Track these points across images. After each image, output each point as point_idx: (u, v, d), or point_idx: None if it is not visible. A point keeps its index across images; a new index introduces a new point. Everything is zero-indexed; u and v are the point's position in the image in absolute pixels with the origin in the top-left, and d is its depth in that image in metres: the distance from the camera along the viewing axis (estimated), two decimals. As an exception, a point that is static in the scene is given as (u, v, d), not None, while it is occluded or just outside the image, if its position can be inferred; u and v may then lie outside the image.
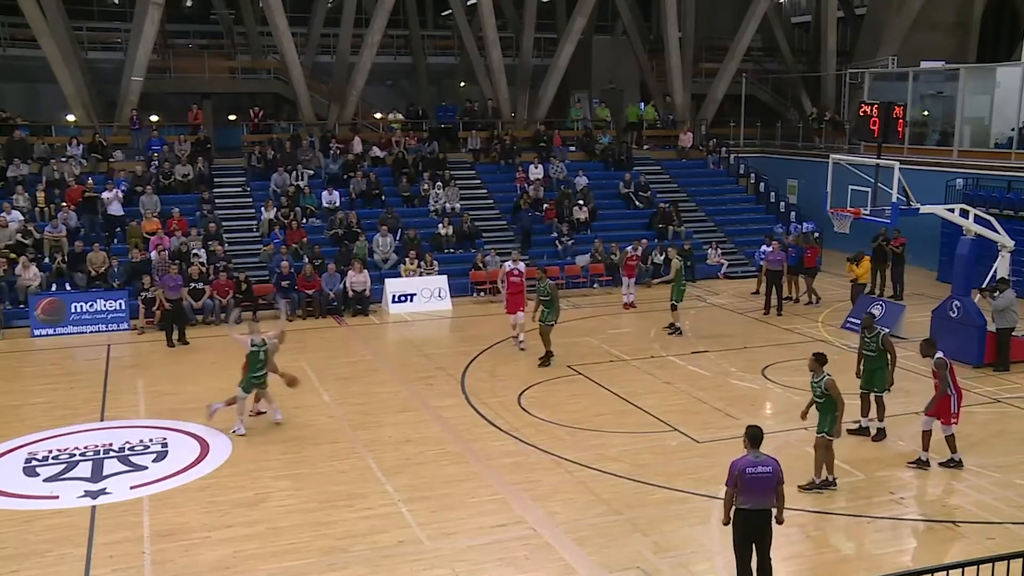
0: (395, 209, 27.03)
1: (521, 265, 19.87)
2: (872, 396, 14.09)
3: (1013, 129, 27.58)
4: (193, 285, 21.75)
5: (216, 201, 26.69)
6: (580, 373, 17.54)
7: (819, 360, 12.04)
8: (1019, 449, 13.73)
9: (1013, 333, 17.78)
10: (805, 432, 14.12)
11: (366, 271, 23.28)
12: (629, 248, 24.73)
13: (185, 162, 27.58)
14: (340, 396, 16.34)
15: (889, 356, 13.92)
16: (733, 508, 9.12)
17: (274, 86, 37.05)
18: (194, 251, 23.21)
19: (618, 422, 14.86)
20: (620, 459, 13.20)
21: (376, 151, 30.06)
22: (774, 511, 9.15)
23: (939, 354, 12.76)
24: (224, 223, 25.74)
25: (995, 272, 18.49)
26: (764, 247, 24.82)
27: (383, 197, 27.81)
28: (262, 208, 26.11)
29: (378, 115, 36.20)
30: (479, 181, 30.35)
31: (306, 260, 23.29)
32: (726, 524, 9.26)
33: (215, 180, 27.96)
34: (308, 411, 15.42)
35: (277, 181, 27.37)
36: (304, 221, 26.06)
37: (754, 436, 9.21)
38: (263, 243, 25.07)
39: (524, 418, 15.09)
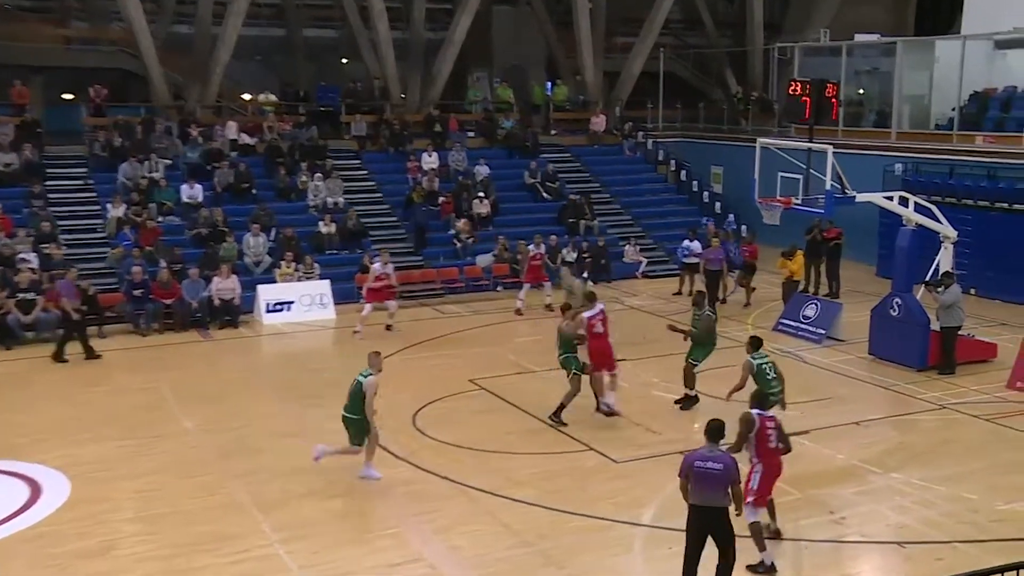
0: (268, 205, 26.66)
1: (390, 268, 21.97)
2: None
3: (954, 109, 28.60)
4: (22, 296, 20.98)
5: (50, 196, 25.86)
6: (483, 388, 17.51)
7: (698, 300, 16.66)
8: (967, 459, 14.22)
9: (959, 332, 18.37)
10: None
11: (235, 276, 22.88)
12: (531, 246, 24.41)
13: (8, 149, 26.68)
14: (206, 422, 15.98)
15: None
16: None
17: (120, 60, 36.03)
18: (22, 255, 22.43)
19: (527, 442, 14.88)
20: (530, 484, 13.21)
21: (245, 137, 29.58)
22: (730, 508, 9.57)
23: (753, 411, 10.98)
24: (61, 222, 24.96)
25: (938, 265, 19.09)
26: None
27: (254, 191, 27.41)
28: (108, 204, 25.42)
29: (247, 96, 35.65)
30: (365, 172, 30.16)
31: (163, 264, 22.80)
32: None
33: (47, 171, 27.04)
34: (167, 440, 15.03)
35: (126, 172, 26.69)
36: (160, 219, 25.51)
37: (713, 429, 9.72)
38: (110, 245, 24.43)
39: (420, 440, 15.00)
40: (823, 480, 13.37)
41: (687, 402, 16.38)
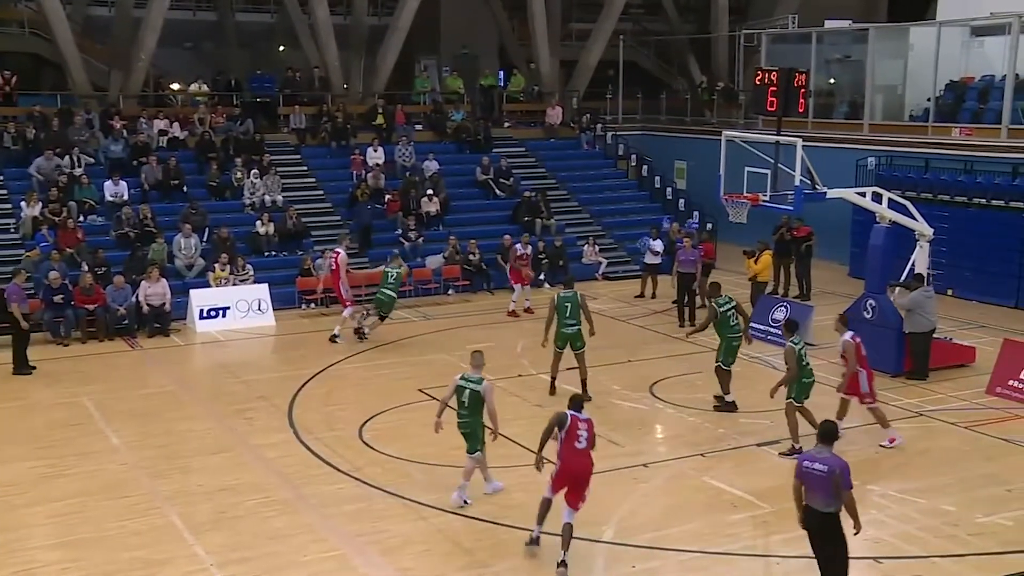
0: (200, 203, 26.47)
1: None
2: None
3: (929, 99, 28.97)
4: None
5: (-46, 194, 25.61)
6: (433, 398, 17.45)
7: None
8: (944, 470, 14.44)
9: (935, 336, 18.60)
10: (701, 459, 14.55)
11: (165, 280, 22.71)
12: (518, 245, 24.68)
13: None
14: (134, 438, 15.86)
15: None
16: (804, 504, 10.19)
17: (31, 44, 35.47)
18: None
19: (482, 456, 14.90)
20: (484, 500, 13.25)
21: (175, 130, 29.36)
22: (835, 513, 10.03)
23: (568, 411, 11.53)
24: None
25: (913, 265, 19.34)
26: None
27: (185, 188, 27.23)
28: (22, 202, 25.11)
29: (176, 86, 35.34)
30: (305, 168, 30.06)
31: (85, 268, 22.59)
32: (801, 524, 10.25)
33: (-52, 167, 26.73)
34: (91, 458, 14.89)
35: (42, 167, 26.36)
36: (81, 219, 25.28)
37: (824, 432, 10.31)
38: (25, 247, 24.15)
39: (367, 455, 15.00)
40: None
41: (722, 404, 17.00)
